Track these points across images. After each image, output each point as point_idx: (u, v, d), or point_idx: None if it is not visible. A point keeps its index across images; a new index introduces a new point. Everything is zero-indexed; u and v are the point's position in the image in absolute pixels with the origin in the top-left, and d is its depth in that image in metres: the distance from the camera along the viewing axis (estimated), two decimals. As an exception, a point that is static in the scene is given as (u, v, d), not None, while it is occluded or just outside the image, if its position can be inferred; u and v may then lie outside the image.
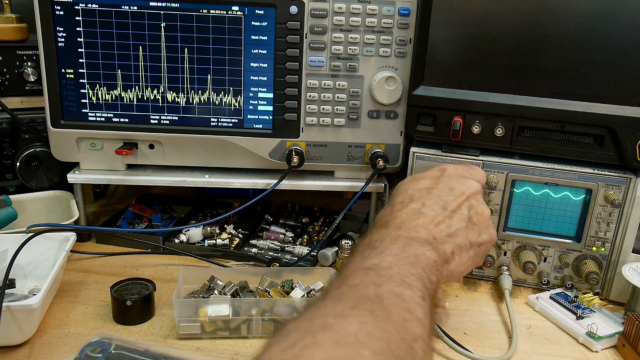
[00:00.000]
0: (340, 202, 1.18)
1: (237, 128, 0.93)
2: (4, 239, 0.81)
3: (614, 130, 0.78)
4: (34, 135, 1.01)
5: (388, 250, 0.55)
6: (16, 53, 0.99)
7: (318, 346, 0.40)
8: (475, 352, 0.72)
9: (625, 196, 0.81)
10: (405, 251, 0.55)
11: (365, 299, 0.46)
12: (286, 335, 0.42)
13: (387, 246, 0.55)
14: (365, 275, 0.50)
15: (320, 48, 0.88)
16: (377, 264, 0.52)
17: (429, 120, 0.86)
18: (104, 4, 0.85)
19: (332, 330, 0.41)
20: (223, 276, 0.79)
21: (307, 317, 0.44)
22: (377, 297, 0.46)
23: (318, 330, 0.42)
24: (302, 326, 0.43)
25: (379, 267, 0.51)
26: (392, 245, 0.56)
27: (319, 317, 0.44)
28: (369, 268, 0.51)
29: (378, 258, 0.53)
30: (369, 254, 0.54)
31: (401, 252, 0.55)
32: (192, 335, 0.73)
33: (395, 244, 0.56)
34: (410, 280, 0.50)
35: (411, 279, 0.50)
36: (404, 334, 0.43)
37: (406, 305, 0.47)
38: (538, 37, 0.78)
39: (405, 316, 0.46)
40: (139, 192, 1.15)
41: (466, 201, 0.66)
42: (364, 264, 0.52)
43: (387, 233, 0.59)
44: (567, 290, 0.85)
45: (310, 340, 0.40)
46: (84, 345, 0.67)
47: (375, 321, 0.43)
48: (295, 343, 0.40)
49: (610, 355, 0.74)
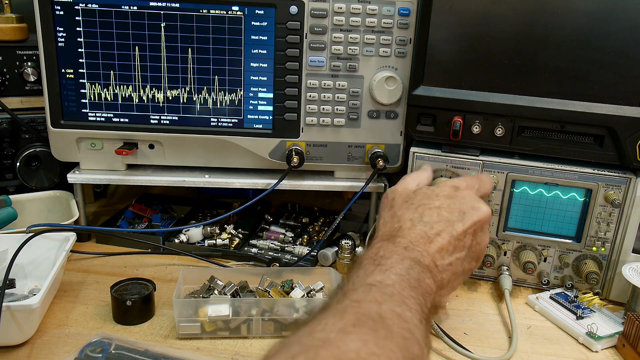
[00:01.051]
0: (340, 202, 1.18)
1: (237, 128, 0.93)
2: (4, 239, 0.81)
3: (614, 130, 0.78)
4: (34, 135, 1.01)
5: (393, 269, 0.55)
6: (16, 53, 0.99)
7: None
8: (475, 352, 0.72)
9: (625, 196, 0.81)
10: (409, 273, 0.55)
11: (367, 316, 0.46)
12: (288, 348, 0.42)
13: (393, 265, 0.55)
14: (368, 291, 0.50)
15: (320, 48, 0.88)
16: (380, 281, 0.52)
17: (429, 120, 0.86)
18: (104, 4, 0.85)
19: (334, 346, 0.42)
20: (223, 276, 0.79)
21: (309, 331, 0.44)
22: (379, 315, 0.46)
23: (320, 346, 0.42)
24: (303, 340, 0.43)
25: (382, 285, 0.52)
26: (397, 265, 0.55)
27: (321, 332, 0.44)
28: (372, 284, 0.51)
29: (382, 275, 0.53)
30: (373, 270, 0.54)
31: (406, 273, 0.55)
32: (192, 335, 0.73)
33: (401, 264, 0.56)
34: (410, 303, 0.51)
35: (411, 301, 0.51)
36: (405, 353, 0.44)
37: (407, 325, 0.47)
38: (538, 37, 0.78)
39: (406, 335, 0.46)
40: (139, 192, 1.15)
41: (471, 229, 0.65)
42: (367, 279, 0.53)
43: (394, 250, 0.58)
44: (567, 290, 0.85)
45: (312, 354, 0.41)
46: (84, 345, 0.67)
47: (377, 339, 0.43)
48: (297, 357, 0.40)
49: (610, 355, 0.74)
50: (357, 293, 0.50)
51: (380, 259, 0.56)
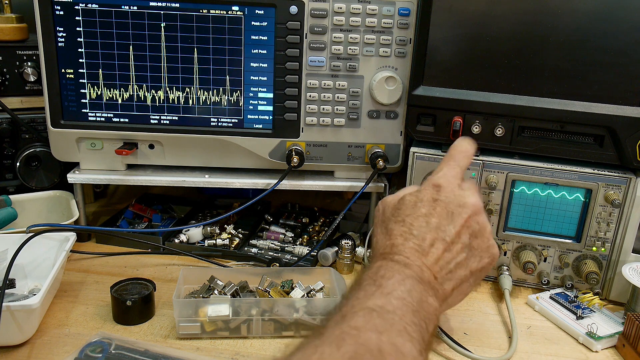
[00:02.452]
0: (340, 202, 1.18)
1: (237, 128, 0.93)
2: (4, 239, 0.81)
3: (614, 130, 0.78)
4: (34, 135, 1.01)
5: (395, 293, 0.53)
6: (16, 53, 0.99)
7: None
8: (475, 352, 0.72)
9: (625, 196, 0.81)
10: (411, 296, 0.53)
11: (365, 349, 0.45)
12: None
13: (394, 287, 0.54)
14: (368, 317, 0.49)
15: (320, 48, 0.88)
16: (381, 306, 0.51)
17: (429, 120, 0.86)
18: (104, 4, 0.85)
19: None
20: (223, 276, 0.79)
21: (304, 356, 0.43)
22: (379, 349, 0.45)
23: None
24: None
25: (384, 310, 0.50)
26: (399, 287, 0.54)
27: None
28: (372, 309, 0.50)
29: (383, 299, 0.52)
30: (374, 292, 0.53)
31: (408, 296, 0.53)
32: (192, 335, 0.73)
33: (402, 286, 0.54)
34: (412, 331, 0.49)
35: (412, 329, 0.50)
36: None
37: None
38: (538, 37, 0.78)
39: None
40: (139, 192, 1.15)
41: (465, 227, 0.63)
42: (367, 302, 0.51)
43: (395, 269, 0.57)
44: (567, 290, 0.85)
45: None
46: (84, 345, 0.67)
47: None
48: None
49: (610, 355, 0.74)
50: (357, 318, 0.49)
51: (380, 279, 0.55)
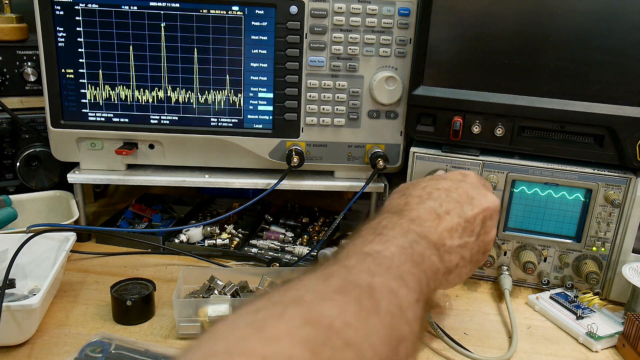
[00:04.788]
0: (340, 202, 1.18)
1: (237, 128, 0.93)
2: (4, 239, 0.81)
3: (614, 130, 0.78)
4: (34, 135, 1.01)
5: (395, 240, 0.49)
6: (16, 53, 0.99)
7: (283, 318, 0.35)
8: (475, 352, 0.72)
9: (625, 196, 0.81)
10: (412, 247, 0.50)
11: (354, 285, 0.41)
12: (256, 302, 0.38)
13: (395, 236, 0.50)
14: (362, 259, 0.46)
15: (320, 48, 0.88)
16: (378, 251, 0.47)
17: (429, 120, 0.86)
18: (104, 4, 0.85)
19: (305, 307, 0.37)
20: (223, 276, 0.79)
21: (284, 289, 0.40)
22: (369, 286, 0.41)
23: (290, 303, 0.37)
24: (274, 296, 0.39)
25: (380, 255, 0.47)
26: (400, 237, 0.50)
27: (296, 290, 0.39)
28: (368, 253, 0.47)
29: (381, 245, 0.48)
30: (373, 239, 0.50)
31: (409, 246, 0.50)
32: (192, 335, 0.73)
33: (404, 237, 0.51)
34: (409, 279, 0.45)
35: (410, 277, 0.46)
36: (390, 332, 0.40)
37: (399, 302, 0.42)
38: (538, 37, 0.78)
39: (395, 313, 0.41)
40: (139, 192, 1.15)
41: (481, 215, 0.61)
42: (363, 247, 0.48)
43: (399, 222, 0.53)
44: (567, 290, 0.85)
45: (278, 311, 0.36)
46: (84, 345, 0.67)
47: (360, 311, 0.38)
48: (259, 310, 0.37)
49: (610, 355, 0.74)
50: (350, 260, 0.45)
51: (382, 229, 0.51)
